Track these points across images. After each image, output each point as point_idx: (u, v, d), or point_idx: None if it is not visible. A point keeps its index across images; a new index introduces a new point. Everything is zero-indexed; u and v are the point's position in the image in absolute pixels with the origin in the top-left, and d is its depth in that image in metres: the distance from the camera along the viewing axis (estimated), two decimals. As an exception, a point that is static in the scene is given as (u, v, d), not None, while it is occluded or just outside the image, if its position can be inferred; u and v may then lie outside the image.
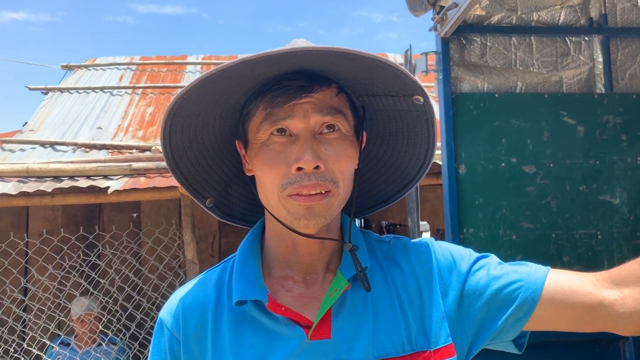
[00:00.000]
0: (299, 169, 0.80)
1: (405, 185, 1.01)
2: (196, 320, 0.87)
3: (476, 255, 0.93)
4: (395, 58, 6.80)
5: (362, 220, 5.63)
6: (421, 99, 0.86)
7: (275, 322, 0.83)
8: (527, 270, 0.88)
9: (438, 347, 0.84)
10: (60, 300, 4.03)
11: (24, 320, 4.28)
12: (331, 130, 0.84)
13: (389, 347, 0.83)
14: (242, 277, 0.86)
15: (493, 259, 0.92)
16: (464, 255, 0.92)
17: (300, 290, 0.87)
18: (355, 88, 0.90)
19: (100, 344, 3.60)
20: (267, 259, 0.92)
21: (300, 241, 0.87)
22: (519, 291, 0.86)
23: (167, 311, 0.91)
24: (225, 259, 0.96)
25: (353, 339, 0.82)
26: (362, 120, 0.92)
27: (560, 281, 0.86)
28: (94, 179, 3.58)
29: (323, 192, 0.81)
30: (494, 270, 0.89)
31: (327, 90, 0.85)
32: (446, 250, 0.93)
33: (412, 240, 0.96)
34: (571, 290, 0.84)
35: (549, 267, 0.89)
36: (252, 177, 0.92)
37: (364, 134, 0.93)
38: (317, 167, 0.80)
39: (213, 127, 0.91)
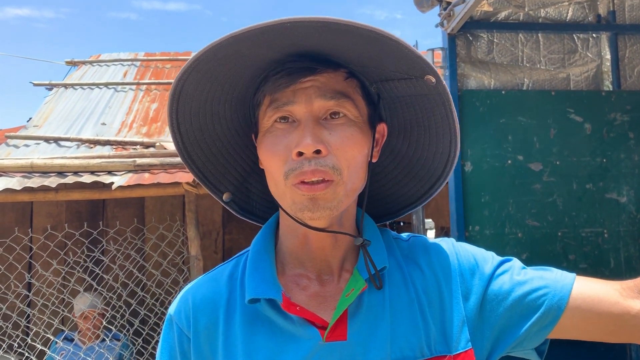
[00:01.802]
0: (300, 154, 0.76)
1: (434, 184, 0.95)
2: (207, 318, 0.84)
3: (499, 258, 0.89)
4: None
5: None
6: (433, 79, 0.80)
7: (289, 322, 0.80)
8: (552, 277, 0.85)
9: (458, 352, 0.81)
10: (64, 295, 4.04)
11: (28, 315, 4.29)
12: (336, 116, 0.80)
13: (407, 350, 0.80)
14: (255, 274, 0.83)
15: (516, 263, 0.89)
16: (487, 258, 0.89)
17: (315, 289, 0.84)
18: (368, 73, 0.85)
19: (104, 340, 3.60)
20: (281, 256, 0.88)
21: (311, 235, 0.84)
22: (544, 298, 0.83)
23: (177, 307, 0.87)
24: (238, 255, 0.93)
25: (370, 341, 0.79)
26: (377, 108, 0.87)
27: (587, 290, 0.83)
28: (98, 175, 3.58)
29: (326, 179, 0.77)
30: (518, 276, 0.86)
31: (333, 74, 0.81)
32: (469, 252, 0.90)
33: (433, 240, 0.93)
34: (598, 300, 0.82)
35: (574, 274, 0.86)
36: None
37: (384, 125, 0.89)
38: (318, 152, 0.76)
39: (224, 117, 0.88)
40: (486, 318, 0.85)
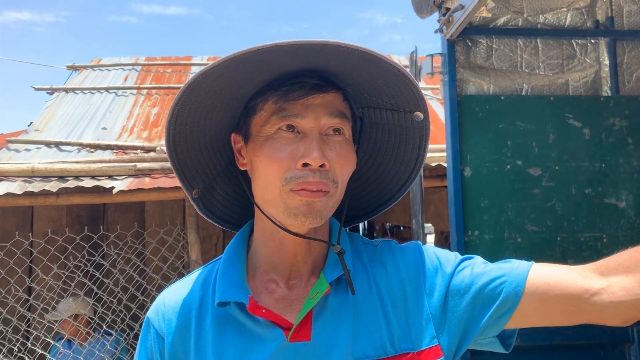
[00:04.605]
0: (305, 165, 0.81)
1: (384, 203, 1.01)
2: (180, 320, 0.88)
3: (462, 257, 0.93)
4: (400, 60, 6.80)
5: (366, 222, 5.61)
6: (421, 116, 0.88)
7: (256, 323, 0.84)
8: (510, 266, 0.88)
9: (422, 348, 0.84)
10: (65, 300, 4.04)
11: (28, 319, 4.29)
12: (337, 133, 0.85)
13: (370, 349, 0.83)
14: (225, 279, 0.87)
15: (478, 259, 0.92)
16: (450, 257, 0.93)
17: (282, 293, 0.88)
18: (358, 98, 0.92)
19: (104, 344, 3.60)
20: (253, 261, 0.92)
21: (287, 240, 0.88)
22: (502, 286, 0.85)
23: (153, 310, 0.92)
24: (215, 259, 0.97)
25: (333, 341, 0.83)
26: (357, 131, 0.94)
27: (545, 273, 0.85)
28: (99, 179, 3.59)
29: (324, 190, 0.82)
30: (478, 269, 0.89)
31: (336, 94, 0.86)
32: (432, 252, 0.94)
33: (400, 244, 0.97)
34: (555, 282, 0.83)
35: (532, 262, 0.89)
36: (244, 173, 0.92)
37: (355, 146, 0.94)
38: (322, 166, 0.81)
39: (218, 114, 0.90)
40: (450, 313, 0.87)
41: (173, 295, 0.92)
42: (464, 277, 0.88)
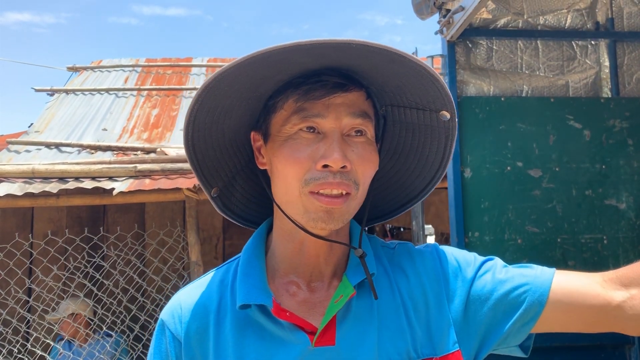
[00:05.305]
0: (325, 166, 0.78)
1: (406, 203, 0.99)
2: (198, 323, 0.86)
3: (481, 259, 0.91)
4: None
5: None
6: (447, 115, 0.86)
7: (279, 327, 0.82)
8: (533, 273, 0.87)
9: (444, 354, 0.83)
10: (65, 301, 4.04)
11: (28, 320, 4.29)
12: (359, 134, 0.83)
13: (394, 354, 0.81)
14: (246, 281, 0.85)
15: (498, 262, 0.91)
16: (469, 260, 0.91)
17: (304, 296, 0.86)
18: (381, 96, 0.89)
19: (104, 345, 3.60)
20: (272, 262, 0.90)
21: (308, 241, 0.86)
22: (525, 295, 0.84)
23: (168, 312, 0.89)
24: (229, 260, 0.95)
25: (358, 346, 0.81)
26: (381, 130, 0.91)
27: (567, 283, 0.84)
28: (99, 181, 3.59)
29: (344, 193, 0.80)
30: (500, 274, 0.87)
31: (358, 93, 0.84)
32: (451, 255, 0.92)
33: (417, 246, 0.95)
34: (578, 293, 0.83)
35: (554, 269, 0.88)
36: (264, 172, 0.90)
37: (379, 145, 0.91)
38: (344, 167, 0.79)
39: (237, 113, 0.88)
40: (471, 318, 0.86)
41: (188, 297, 0.89)
42: (486, 283, 0.87)
